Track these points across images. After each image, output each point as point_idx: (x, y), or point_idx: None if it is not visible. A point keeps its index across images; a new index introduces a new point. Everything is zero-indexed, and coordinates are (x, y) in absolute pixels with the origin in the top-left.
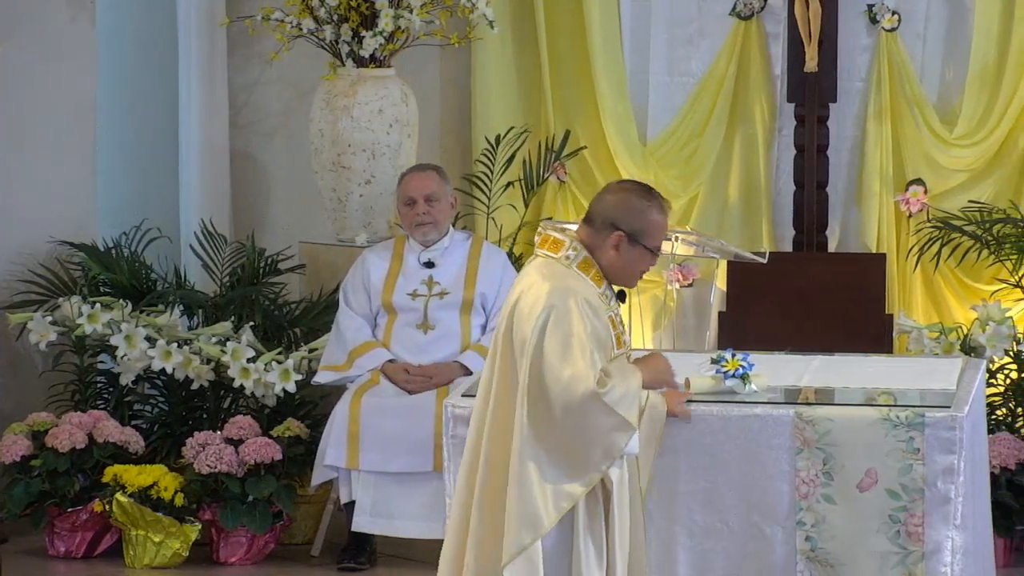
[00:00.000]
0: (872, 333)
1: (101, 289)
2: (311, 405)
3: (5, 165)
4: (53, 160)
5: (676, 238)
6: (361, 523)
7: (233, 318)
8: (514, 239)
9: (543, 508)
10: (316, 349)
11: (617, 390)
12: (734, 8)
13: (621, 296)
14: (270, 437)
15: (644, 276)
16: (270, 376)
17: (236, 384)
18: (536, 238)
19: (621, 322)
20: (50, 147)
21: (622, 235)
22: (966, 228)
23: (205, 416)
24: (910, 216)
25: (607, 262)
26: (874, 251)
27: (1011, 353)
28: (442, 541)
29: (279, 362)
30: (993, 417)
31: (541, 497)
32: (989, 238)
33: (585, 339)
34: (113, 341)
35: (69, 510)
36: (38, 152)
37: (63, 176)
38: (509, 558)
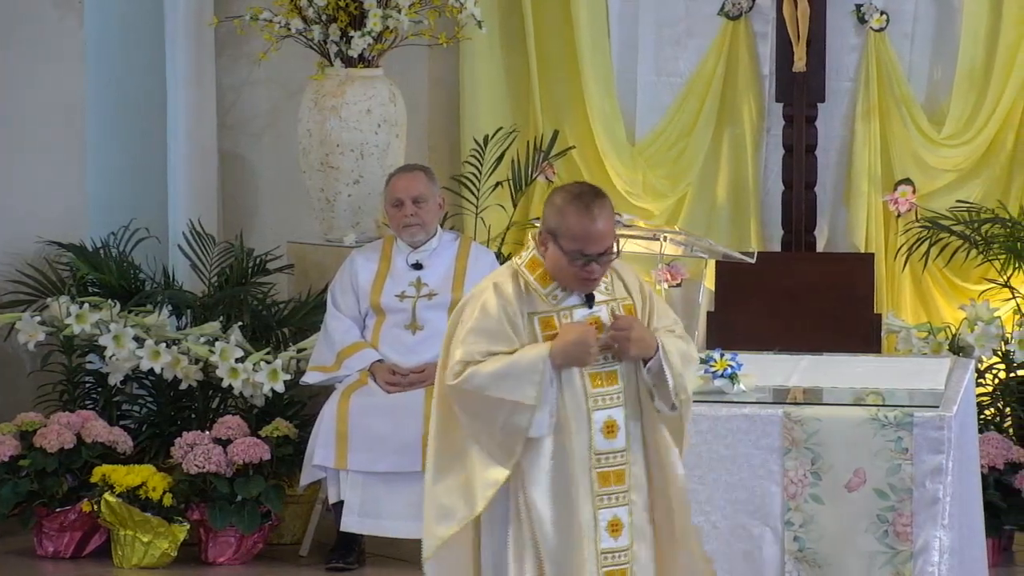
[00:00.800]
0: (860, 333)
1: (89, 289)
2: (299, 405)
3: None
4: (41, 160)
5: (665, 238)
6: (349, 523)
7: (221, 318)
8: (502, 239)
9: (462, 498)
10: (304, 349)
11: (482, 372)
12: (722, 8)
13: (588, 300)
14: (258, 437)
15: (594, 282)
16: (258, 376)
17: (224, 384)
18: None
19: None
20: (38, 147)
21: (546, 233)
22: (954, 228)
23: (193, 416)
24: (898, 216)
25: (545, 261)
26: (862, 251)
27: (999, 353)
28: None
29: (267, 362)
30: (981, 417)
31: (458, 488)
32: (977, 238)
33: (474, 329)
34: (101, 341)
35: (57, 510)
36: (27, 152)
37: (51, 176)
38: (429, 551)
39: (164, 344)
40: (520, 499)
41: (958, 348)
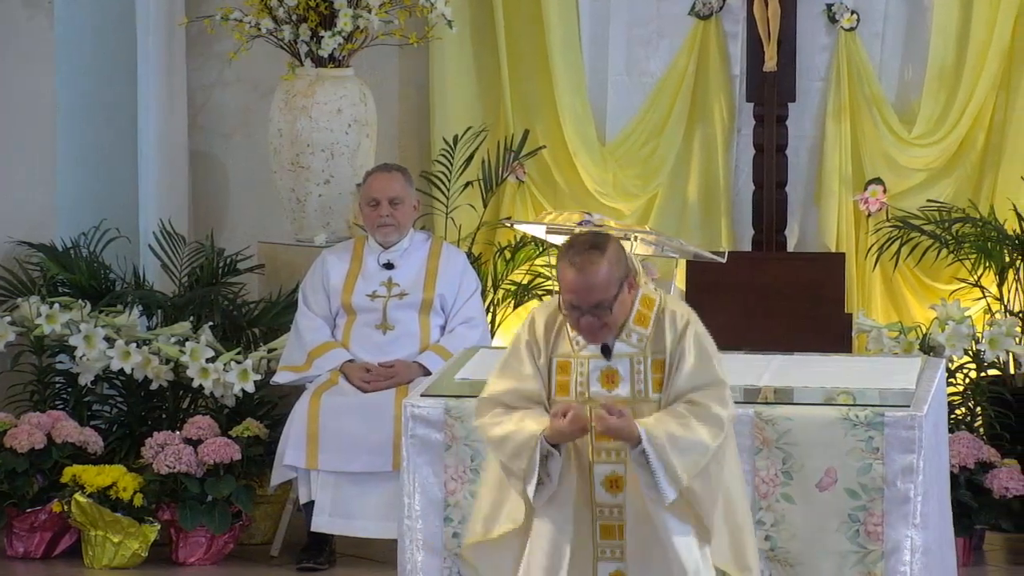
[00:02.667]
0: (831, 333)
1: (60, 289)
2: (270, 405)
3: None
4: (11, 160)
5: (635, 237)
6: (320, 523)
7: (192, 318)
8: (473, 239)
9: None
10: (275, 349)
11: (489, 433)
12: (693, 8)
13: (604, 351)
14: (229, 437)
15: (593, 335)
16: (229, 376)
17: (195, 384)
18: None
19: (590, 373)
20: (8, 147)
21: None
22: (925, 227)
23: (164, 416)
24: (869, 215)
25: None
26: (833, 250)
27: (970, 352)
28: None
29: (238, 362)
30: (952, 416)
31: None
32: (948, 237)
33: (504, 364)
34: (72, 341)
35: (28, 511)
36: None
37: (21, 176)
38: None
39: (134, 344)
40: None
41: (929, 348)
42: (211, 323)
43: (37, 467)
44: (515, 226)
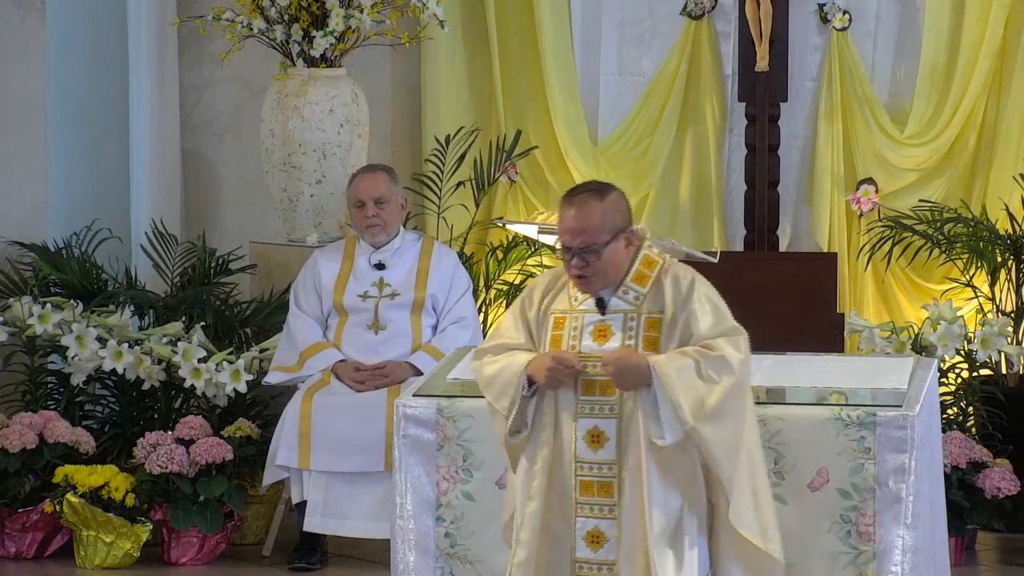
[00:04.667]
0: (823, 332)
1: (52, 289)
2: (262, 405)
3: None
4: (3, 160)
5: None
6: (312, 523)
7: (184, 318)
8: (465, 239)
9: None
10: (267, 349)
11: (480, 372)
12: (685, 7)
13: (599, 305)
14: (221, 437)
15: (581, 281)
16: (221, 376)
17: (187, 384)
18: None
19: (583, 328)
20: (0, 147)
21: None
22: (917, 227)
23: (156, 416)
24: (861, 215)
25: None
26: (825, 250)
27: (962, 352)
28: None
29: (230, 362)
30: (944, 416)
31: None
32: (940, 237)
33: (500, 324)
34: (64, 341)
35: (20, 511)
36: None
37: (13, 176)
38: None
39: (127, 344)
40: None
41: (921, 347)
42: (203, 323)
43: (29, 467)
44: (507, 226)
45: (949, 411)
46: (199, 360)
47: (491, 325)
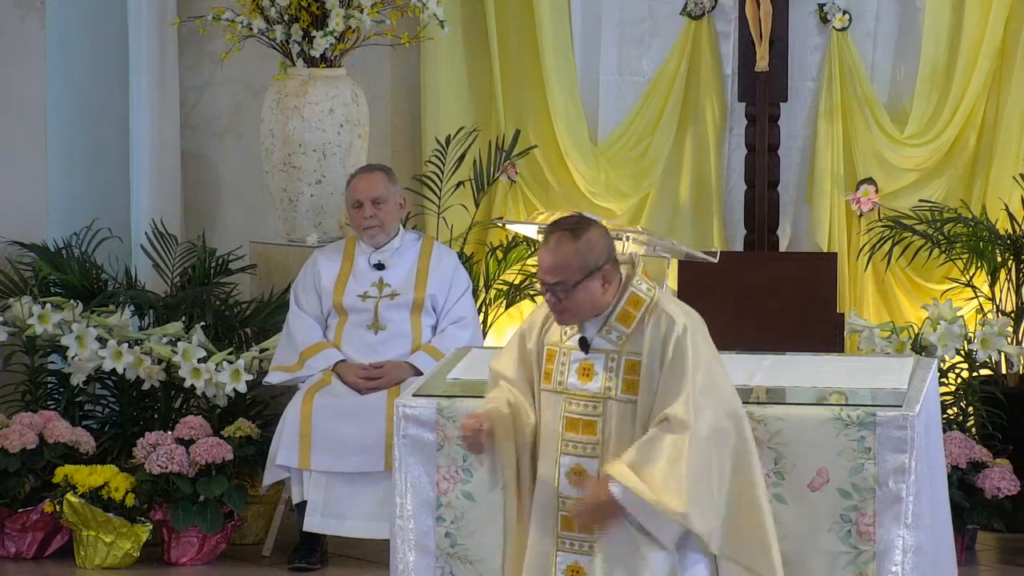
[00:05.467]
0: (823, 332)
1: (52, 289)
2: (262, 405)
3: None
4: (3, 160)
5: (627, 237)
6: (312, 523)
7: (184, 318)
8: (464, 239)
9: None
10: (267, 349)
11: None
12: (685, 7)
13: (582, 344)
14: (221, 437)
15: (559, 315)
16: (221, 376)
17: (187, 384)
18: None
19: (570, 366)
20: (0, 147)
21: None
22: (917, 227)
23: (156, 416)
24: (861, 215)
25: None
26: (825, 250)
27: (962, 352)
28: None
29: (230, 362)
30: (944, 416)
31: None
32: (940, 237)
33: (506, 347)
34: (64, 341)
35: (20, 511)
36: None
37: (13, 176)
38: None
39: (127, 344)
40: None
41: (921, 347)
42: (203, 323)
43: (29, 467)
44: (507, 226)
45: (949, 411)
46: (199, 360)
47: (491, 325)
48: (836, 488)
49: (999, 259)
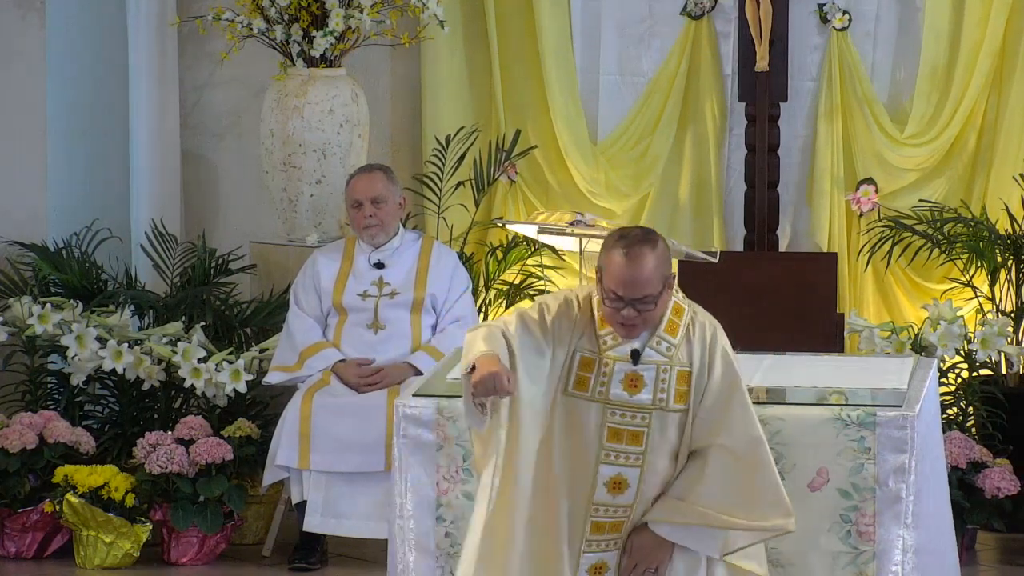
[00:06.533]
0: (823, 332)
1: (52, 289)
2: (262, 405)
3: None
4: (2, 160)
5: None
6: (312, 523)
7: (184, 318)
8: (465, 239)
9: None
10: (267, 349)
11: (468, 335)
12: (685, 7)
13: (633, 356)
14: (221, 437)
15: (631, 329)
16: (221, 376)
17: (187, 384)
18: None
19: (612, 375)
20: (0, 147)
21: (597, 269)
22: (917, 227)
23: (156, 416)
24: (861, 215)
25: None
26: (825, 250)
27: (962, 352)
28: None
29: (230, 362)
30: (944, 416)
31: None
32: (940, 237)
33: (525, 310)
34: (64, 341)
35: (20, 511)
36: None
37: (13, 176)
38: None
39: (126, 344)
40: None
41: (921, 347)
42: (203, 323)
43: (29, 467)
44: (507, 226)
45: (949, 411)
46: (199, 360)
47: None
48: (836, 488)
49: (999, 259)
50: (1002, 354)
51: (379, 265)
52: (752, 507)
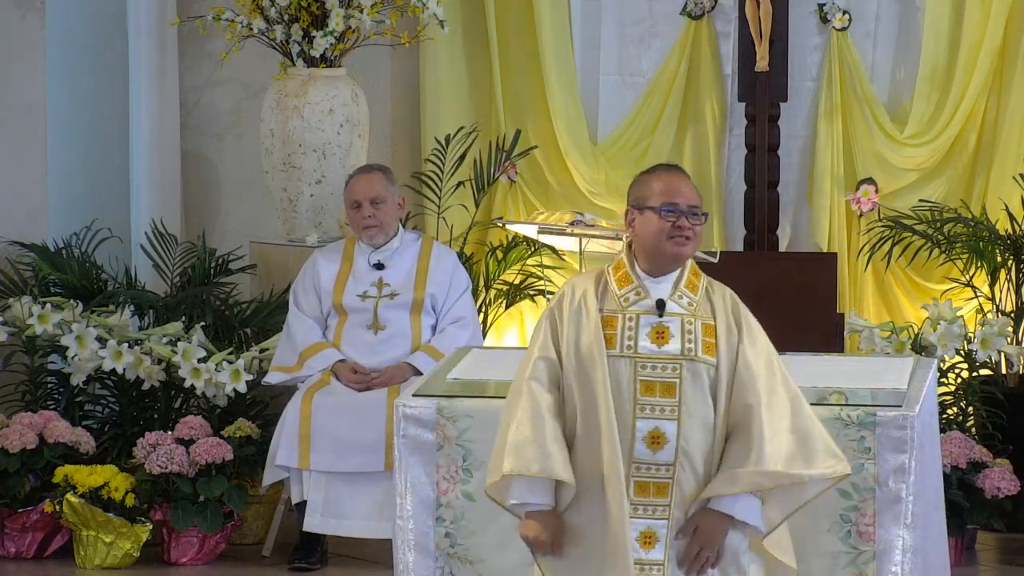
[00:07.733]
0: (823, 332)
1: (52, 289)
2: (262, 405)
3: None
4: (2, 160)
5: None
6: (312, 523)
7: (184, 318)
8: (464, 239)
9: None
10: (267, 349)
11: (510, 431)
12: (684, 7)
13: (659, 306)
14: (221, 437)
15: (687, 241)
16: (221, 376)
17: (187, 384)
18: None
19: (639, 328)
20: (0, 147)
21: (633, 209)
22: (917, 227)
23: (156, 416)
24: (861, 215)
25: (635, 244)
26: (825, 250)
27: (962, 352)
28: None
29: (230, 362)
30: (944, 416)
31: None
32: (940, 237)
33: (541, 326)
34: (64, 341)
35: (20, 511)
36: None
37: (13, 176)
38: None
39: (126, 344)
40: None
41: (920, 347)
42: (203, 323)
43: (29, 467)
44: (507, 226)
45: (949, 411)
46: (199, 360)
47: (491, 325)
48: (836, 488)
49: (999, 259)
50: (1002, 354)
51: (379, 266)
52: (811, 458)
